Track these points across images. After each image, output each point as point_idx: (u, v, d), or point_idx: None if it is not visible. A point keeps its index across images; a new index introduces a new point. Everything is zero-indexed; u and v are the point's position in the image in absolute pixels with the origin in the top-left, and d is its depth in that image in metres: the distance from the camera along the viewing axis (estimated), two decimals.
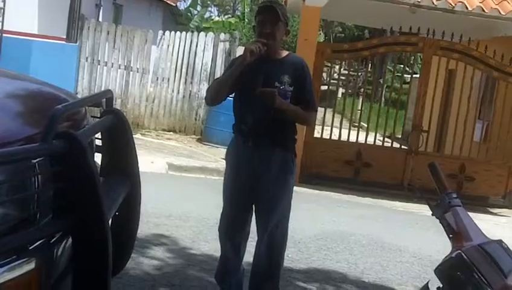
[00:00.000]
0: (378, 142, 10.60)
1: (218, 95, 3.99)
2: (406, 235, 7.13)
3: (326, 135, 10.29)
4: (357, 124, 11.03)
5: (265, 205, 3.94)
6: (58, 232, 2.31)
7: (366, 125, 11.01)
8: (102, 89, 12.05)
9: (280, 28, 3.87)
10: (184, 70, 12.66)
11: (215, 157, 10.35)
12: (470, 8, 9.67)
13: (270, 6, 3.89)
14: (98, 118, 3.23)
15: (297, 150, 4.11)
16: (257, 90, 3.72)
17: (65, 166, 2.30)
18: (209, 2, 32.92)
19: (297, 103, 3.87)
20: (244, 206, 4.00)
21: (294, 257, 5.54)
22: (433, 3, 9.65)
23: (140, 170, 3.36)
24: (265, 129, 3.88)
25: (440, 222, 2.59)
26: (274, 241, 3.97)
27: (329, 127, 10.27)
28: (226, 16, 32.46)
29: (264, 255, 3.99)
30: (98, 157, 3.14)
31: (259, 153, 3.89)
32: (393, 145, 10.89)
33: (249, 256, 4.16)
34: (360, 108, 12.81)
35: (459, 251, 2.32)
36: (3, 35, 11.35)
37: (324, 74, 12.13)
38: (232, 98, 4.05)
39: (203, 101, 12.48)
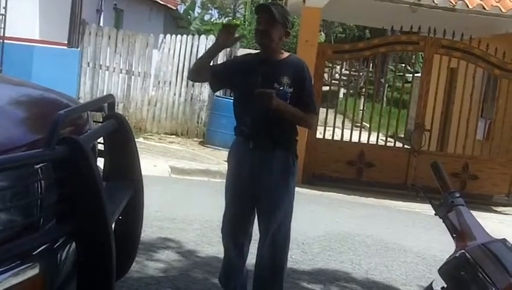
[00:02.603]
0: (381, 142, 10.59)
1: (197, 74, 4.13)
2: (410, 235, 7.13)
3: (328, 136, 10.28)
4: (359, 124, 11.02)
5: (267, 206, 3.95)
6: (61, 237, 2.31)
7: (368, 126, 10.99)
8: (104, 93, 12.08)
9: (277, 28, 3.87)
10: (185, 73, 12.64)
11: (218, 159, 10.35)
12: (470, 6, 9.66)
13: (265, 6, 3.94)
14: (100, 122, 3.24)
15: (299, 151, 4.12)
16: (255, 91, 3.73)
17: (68, 171, 2.30)
18: (209, 5, 32.93)
19: (297, 105, 3.88)
20: (245, 207, 4.00)
21: (298, 258, 5.54)
22: (434, 2, 9.64)
23: (143, 173, 3.37)
24: (265, 130, 3.88)
25: (443, 222, 2.59)
26: (276, 242, 3.97)
27: (332, 127, 10.25)
28: (226, 18, 32.49)
29: (267, 257, 3.99)
30: (100, 162, 3.15)
31: (260, 154, 3.90)
32: (396, 145, 10.88)
33: (252, 258, 4.16)
34: (362, 108, 12.80)
35: (463, 251, 2.31)
36: (5, 41, 11.38)
37: (325, 75, 12.11)
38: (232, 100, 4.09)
39: (205, 104, 12.53)
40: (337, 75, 19.17)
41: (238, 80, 3.94)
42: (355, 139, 10.27)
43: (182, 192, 8.12)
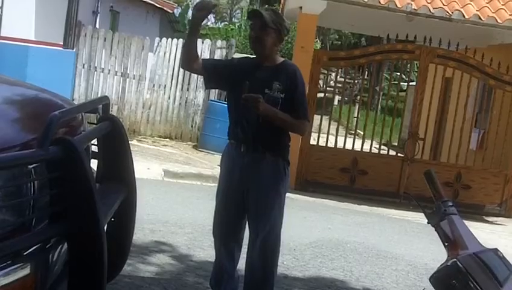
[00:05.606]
0: (374, 150, 10.61)
1: (187, 60, 4.01)
2: (401, 243, 7.13)
3: (322, 143, 10.29)
4: (353, 132, 11.04)
5: (256, 210, 3.94)
6: (53, 237, 2.31)
7: (362, 133, 11.01)
8: (99, 95, 12.05)
9: (270, 34, 3.87)
10: (180, 77, 12.66)
11: (211, 164, 10.34)
12: (466, 16, 9.71)
13: (257, 12, 3.96)
14: (94, 124, 3.23)
15: (292, 156, 4.10)
16: (242, 96, 3.72)
17: (61, 172, 2.30)
18: None
19: (289, 111, 3.86)
20: (235, 211, 4.00)
21: (289, 264, 5.54)
22: (430, 11, 9.68)
23: (136, 176, 3.36)
24: (255, 135, 3.88)
25: (436, 230, 2.60)
26: (267, 247, 3.96)
27: (326, 134, 10.26)
28: (222, 23, 32.50)
29: (257, 262, 3.98)
30: (94, 164, 3.14)
31: (250, 158, 3.90)
32: (390, 153, 10.89)
33: (243, 263, 4.15)
34: (356, 115, 12.83)
35: (455, 259, 2.32)
36: (0, 41, 11.35)
37: (320, 81, 12.14)
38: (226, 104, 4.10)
39: (200, 108, 12.53)
40: (332, 82, 19.20)
41: (230, 82, 3.95)
42: (349, 146, 10.29)
43: (175, 195, 8.11)
